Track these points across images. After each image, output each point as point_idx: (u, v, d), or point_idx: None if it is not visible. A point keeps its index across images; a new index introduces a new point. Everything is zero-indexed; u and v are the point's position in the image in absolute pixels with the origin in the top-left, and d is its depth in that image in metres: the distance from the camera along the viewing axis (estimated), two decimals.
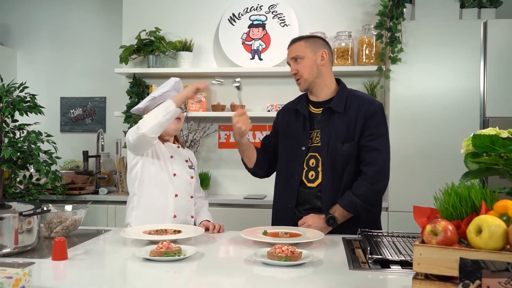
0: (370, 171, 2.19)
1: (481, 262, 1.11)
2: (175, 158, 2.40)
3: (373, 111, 2.22)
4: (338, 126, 2.22)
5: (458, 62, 3.47)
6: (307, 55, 2.25)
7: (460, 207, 1.26)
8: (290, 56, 2.30)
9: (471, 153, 1.40)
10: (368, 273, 1.58)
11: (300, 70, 2.26)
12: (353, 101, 2.26)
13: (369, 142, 2.20)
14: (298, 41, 2.30)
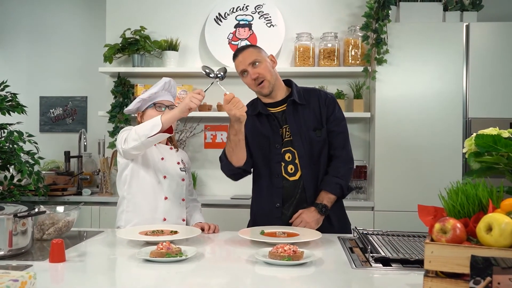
0: (343, 153, 2.34)
1: (492, 259, 1.14)
2: (166, 160, 2.36)
3: (330, 98, 2.38)
4: (305, 116, 2.32)
5: (442, 63, 3.54)
6: (260, 57, 2.29)
7: (468, 206, 1.29)
8: (246, 62, 2.28)
9: (474, 152, 1.43)
10: (371, 272, 1.60)
11: (261, 73, 2.27)
12: (310, 94, 2.39)
13: (335, 127, 2.34)
14: (247, 49, 2.33)
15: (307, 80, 3.88)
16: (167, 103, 2.36)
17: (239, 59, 2.31)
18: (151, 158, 2.33)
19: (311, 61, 3.74)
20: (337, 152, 2.34)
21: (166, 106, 2.35)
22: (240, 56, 2.30)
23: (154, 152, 2.35)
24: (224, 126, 3.97)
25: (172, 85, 2.43)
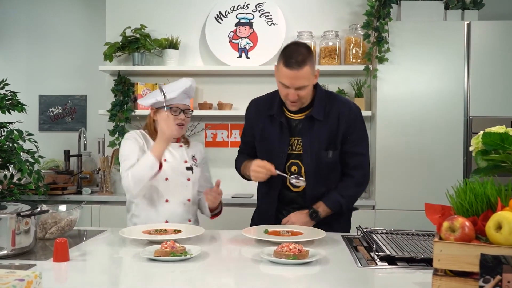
0: (358, 175, 2.25)
1: (502, 258, 1.13)
2: (169, 162, 2.31)
3: (353, 117, 2.23)
4: (320, 134, 2.20)
5: (443, 62, 3.54)
6: (311, 81, 2.12)
7: (476, 204, 1.28)
8: (295, 84, 2.07)
9: (481, 150, 1.43)
10: (378, 270, 1.59)
11: (302, 96, 2.13)
12: (332, 107, 2.22)
13: (353, 148, 2.23)
14: (304, 66, 2.05)
15: None
16: (183, 107, 2.29)
17: (290, 74, 2.05)
18: None
19: None
20: (352, 172, 2.25)
21: (181, 110, 2.29)
22: (293, 73, 2.04)
23: None
24: (225, 125, 3.96)
25: (192, 88, 2.34)
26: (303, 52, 2.06)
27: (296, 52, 2.06)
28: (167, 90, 2.25)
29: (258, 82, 3.91)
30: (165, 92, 2.21)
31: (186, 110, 2.30)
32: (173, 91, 2.25)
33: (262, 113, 2.30)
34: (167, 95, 2.22)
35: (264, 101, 2.33)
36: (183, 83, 2.28)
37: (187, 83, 2.28)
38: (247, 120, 2.41)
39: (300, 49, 2.08)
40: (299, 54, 2.05)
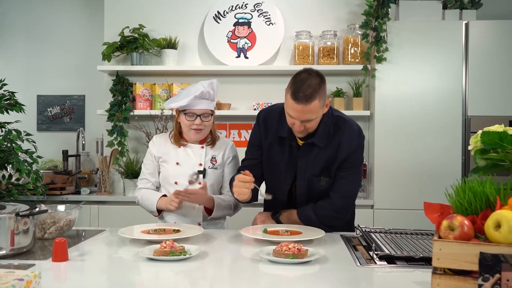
0: (337, 199, 2.17)
1: (501, 256, 1.14)
2: (182, 165, 2.35)
3: (354, 146, 2.15)
4: (317, 159, 2.15)
5: (441, 61, 3.54)
6: (319, 114, 2.03)
7: (475, 203, 1.29)
8: (301, 118, 1.99)
9: (480, 149, 1.43)
10: (376, 269, 1.59)
11: (308, 128, 2.05)
12: (335, 134, 2.14)
13: (342, 172, 2.17)
14: (313, 100, 1.95)
15: None
16: (200, 112, 2.28)
17: (297, 107, 1.96)
18: (169, 162, 2.39)
19: (311, 59, 3.74)
20: (333, 195, 2.17)
21: (198, 115, 2.29)
22: (300, 107, 1.95)
23: (172, 156, 2.39)
24: (224, 124, 3.96)
25: (206, 92, 2.29)
26: (312, 84, 1.96)
27: (306, 84, 1.96)
28: (181, 95, 2.31)
29: (257, 82, 3.92)
30: (178, 99, 2.30)
31: (204, 115, 2.30)
32: (183, 98, 2.27)
33: (271, 130, 2.21)
34: (177, 103, 2.29)
35: (274, 116, 2.21)
36: (194, 89, 2.29)
37: (199, 88, 2.27)
38: (257, 130, 2.29)
39: (310, 80, 1.97)
40: (308, 87, 1.95)
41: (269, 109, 2.29)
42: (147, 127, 3.80)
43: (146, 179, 2.44)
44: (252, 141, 2.32)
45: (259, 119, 2.29)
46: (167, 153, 2.40)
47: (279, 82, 3.89)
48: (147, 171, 2.44)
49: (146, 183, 2.44)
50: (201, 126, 2.30)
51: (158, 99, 3.80)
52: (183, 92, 2.35)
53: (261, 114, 2.30)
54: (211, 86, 2.32)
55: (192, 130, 2.32)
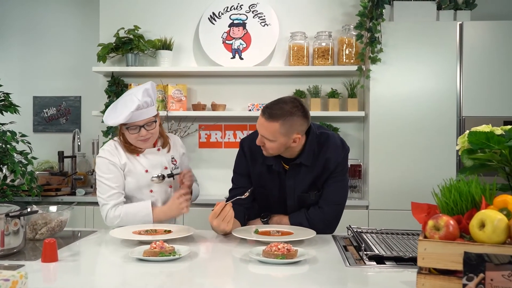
0: (327, 207, 2.19)
1: (485, 256, 1.14)
2: (151, 172, 2.30)
3: (341, 160, 2.18)
4: (305, 178, 2.17)
5: (435, 62, 3.55)
6: (278, 140, 2.01)
7: (461, 202, 1.29)
8: (259, 130, 2.03)
9: (467, 149, 1.43)
10: (365, 270, 1.59)
11: (266, 146, 2.06)
12: (321, 151, 2.16)
13: (329, 180, 2.19)
14: (274, 121, 1.97)
15: (301, 79, 3.88)
16: (142, 123, 2.21)
17: (259, 119, 2.02)
18: (136, 172, 2.29)
19: (305, 60, 3.74)
20: (323, 204, 2.19)
21: (141, 126, 2.22)
22: (261, 120, 2.01)
23: (137, 166, 2.30)
24: (219, 125, 3.96)
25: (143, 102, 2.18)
26: (285, 108, 1.98)
27: (279, 104, 1.99)
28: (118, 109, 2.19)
29: (252, 82, 3.92)
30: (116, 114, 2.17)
31: (147, 124, 2.22)
32: (120, 113, 2.16)
33: (258, 159, 2.21)
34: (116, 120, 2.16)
35: (258, 146, 2.15)
36: (130, 103, 2.16)
37: (134, 102, 2.16)
38: (243, 159, 2.28)
39: (286, 105, 1.99)
40: (279, 108, 1.98)
41: (251, 138, 2.25)
42: None
43: (118, 192, 2.25)
44: (239, 170, 2.30)
45: (243, 148, 2.28)
46: (129, 162, 2.29)
47: (274, 83, 3.90)
48: (114, 184, 2.24)
49: (118, 197, 2.24)
50: (147, 135, 2.23)
51: None
52: (119, 104, 2.21)
53: (244, 143, 2.28)
54: (146, 94, 2.21)
55: (139, 141, 2.25)
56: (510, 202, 1.23)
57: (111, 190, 2.24)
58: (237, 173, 2.31)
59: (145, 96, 2.19)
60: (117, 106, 2.20)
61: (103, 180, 2.25)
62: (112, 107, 2.23)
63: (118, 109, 2.19)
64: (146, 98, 2.19)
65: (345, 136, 3.88)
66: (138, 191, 2.30)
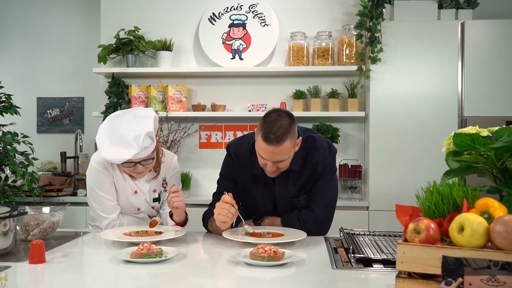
0: (318, 209, 2.17)
1: (464, 260, 1.12)
2: (139, 193, 2.26)
3: (328, 162, 2.17)
4: (294, 183, 2.16)
5: (437, 62, 3.51)
6: (291, 154, 2.03)
7: (442, 205, 1.27)
8: (272, 159, 1.99)
9: (453, 151, 1.41)
10: (351, 272, 1.58)
11: (281, 168, 2.06)
12: (308, 155, 2.15)
13: (318, 182, 2.18)
14: (284, 141, 1.95)
15: (301, 80, 3.86)
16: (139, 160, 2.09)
17: (268, 149, 1.96)
18: (125, 193, 2.25)
19: (305, 60, 3.73)
20: (314, 206, 2.17)
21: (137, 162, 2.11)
22: (271, 149, 1.95)
23: (126, 187, 2.24)
24: (219, 126, 3.96)
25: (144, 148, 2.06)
26: (283, 125, 1.95)
27: (276, 125, 1.95)
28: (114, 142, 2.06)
29: (251, 83, 3.92)
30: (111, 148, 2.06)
31: (145, 160, 2.12)
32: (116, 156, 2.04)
33: (244, 167, 2.19)
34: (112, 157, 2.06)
35: (245, 154, 2.19)
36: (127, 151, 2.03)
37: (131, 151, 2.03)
38: (230, 164, 2.25)
39: (281, 121, 1.96)
40: (279, 128, 1.94)
41: (238, 145, 2.24)
42: None
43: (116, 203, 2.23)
44: (225, 174, 2.28)
45: (230, 153, 2.25)
46: (119, 182, 2.22)
47: (274, 83, 3.89)
48: (111, 198, 2.21)
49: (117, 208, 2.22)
50: (143, 170, 2.15)
51: (153, 101, 3.82)
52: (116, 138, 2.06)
53: (231, 149, 2.25)
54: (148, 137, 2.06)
55: (134, 173, 2.17)
56: (491, 205, 1.21)
57: (107, 203, 2.20)
58: (224, 177, 2.29)
59: (146, 141, 2.05)
60: (114, 140, 2.06)
61: (97, 198, 2.20)
62: (108, 138, 2.08)
63: (116, 143, 2.05)
64: (146, 143, 2.06)
65: (346, 137, 3.86)
66: (125, 207, 2.27)
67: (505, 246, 1.11)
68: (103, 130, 2.10)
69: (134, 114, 2.12)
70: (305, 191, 2.19)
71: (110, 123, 2.11)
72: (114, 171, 2.21)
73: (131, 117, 2.10)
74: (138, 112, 2.14)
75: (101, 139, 2.08)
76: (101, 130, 2.11)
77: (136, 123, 2.08)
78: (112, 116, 2.15)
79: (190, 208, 2.54)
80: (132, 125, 2.07)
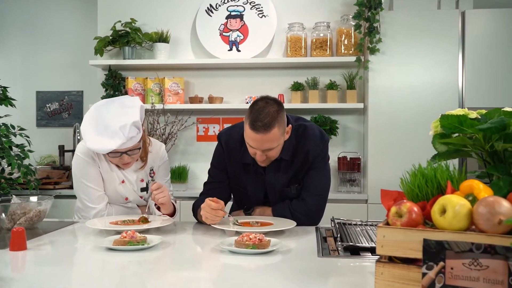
0: (309, 198, 2.11)
1: (445, 243, 1.07)
2: (127, 183, 2.22)
3: (319, 150, 2.11)
4: (285, 172, 2.11)
5: (437, 52, 3.45)
6: (280, 141, 1.99)
7: (426, 188, 1.22)
8: (261, 147, 1.95)
9: (440, 134, 1.36)
10: (337, 260, 1.54)
11: (271, 157, 2.01)
12: (299, 143, 2.10)
13: (310, 171, 2.13)
14: (271, 128, 1.90)
15: (299, 71, 3.81)
16: (125, 150, 2.05)
17: (256, 137, 1.92)
18: (112, 183, 2.20)
19: (303, 52, 3.68)
20: (305, 195, 2.12)
21: (123, 152, 2.07)
22: (259, 137, 1.91)
23: (114, 177, 2.20)
24: (217, 118, 3.92)
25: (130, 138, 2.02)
26: (270, 112, 1.91)
27: (263, 112, 1.90)
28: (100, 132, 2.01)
29: (249, 75, 3.87)
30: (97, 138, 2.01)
31: (131, 150, 2.08)
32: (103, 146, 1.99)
33: (234, 157, 2.15)
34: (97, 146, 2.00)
35: (236, 143, 2.15)
36: (113, 142, 1.98)
37: (117, 142, 1.98)
38: (221, 153, 2.21)
39: (268, 108, 1.92)
40: (266, 116, 1.89)
41: (229, 133, 2.21)
42: None
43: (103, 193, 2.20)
44: (216, 164, 2.25)
45: (221, 143, 2.21)
46: (106, 172, 2.18)
47: (271, 75, 3.85)
48: (98, 188, 2.17)
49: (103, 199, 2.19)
50: (129, 160, 2.11)
51: (150, 93, 3.79)
52: (101, 127, 2.01)
53: (222, 138, 2.22)
54: (135, 127, 2.02)
55: (120, 164, 2.13)
56: (476, 188, 1.16)
57: (97, 191, 2.17)
58: (215, 166, 2.26)
59: (132, 131, 2.01)
60: (99, 130, 2.01)
61: (84, 189, 2.16)
62: (95, 124, 2.03)
63: (101, 132, 2.00)
64: (132, 133, 2.01)
65: (345, 129, 3.81)
66: (113, 197, 2.23)
67: (488, 228, 1.06)
68: (88, 119, 2.06)
69: (120, 103, 2.08)
70: (296, 180, 2.15)
71: (95, 112, 2.06)
72: (100, 161, 2.17)
73: (116, 106, 2.06)
74: (124, 101, 2.10)
75: (86, 129, 2.04)
76: (86, 120, 2.07)
77: (122, 113, 2.04)
78: (97, 105, 2.10)
79: (187, 201, 2.51)
80: (117, 115, 2.03)
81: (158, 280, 1.36)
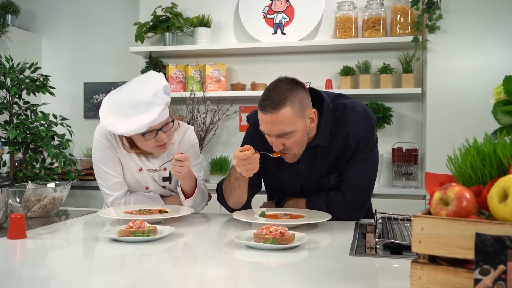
0: (348, 193, 1.82)
1: (506, 239, 0.78)
2: (144, 171, 2.00)
3: (363, 134, 1.80)
4: (322, 161, 1.84)
5: (506, 30, 3.07)
6: (297, 126, 1.69)
7: (483, 168, 0.92)
8: (272, 131, 1.69)
9: (503, 101, 1.06)
10: (371, 260, 1.26)
11: (288, 145, 1.73)
12: (338, 126, 1.81)
13: (351, 160, 1.83)
14: (281, 107, 1.64)
15: (349, 55, 3.51)
16: (160, 126, 1.85)
17: (264, 118, 1.68)
18: (130, 171, 2.01)
19: (354, 33, 3.37)
20: (344, 188, 1.83)
21: (158, 130, 1.86)
22: (267, 118, 1.67)
23: (132, 164, 2.00)
24: None
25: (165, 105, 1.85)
26: (282, 89, 1.65)
27: (274, 90, 1.66)
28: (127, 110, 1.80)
29: (294, 60, 3.62)
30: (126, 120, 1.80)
31: (165, 125, 1.89)
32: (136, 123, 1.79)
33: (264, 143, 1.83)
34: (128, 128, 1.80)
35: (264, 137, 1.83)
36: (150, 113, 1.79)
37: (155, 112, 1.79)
38: (253, 135, 1.94)
39: (281, 86, 1.67)
40: (276, 93, 1.64)
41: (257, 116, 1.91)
42: (180, 111, 3.63)
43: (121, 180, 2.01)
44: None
45: (252, 124, 1.95)
46: (124, 158, 1.99)
47: (319, 59, 3.57)
48: (115, 174, 1.98)
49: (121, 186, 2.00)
50: (165, 139, 1.90)
51: (191, 81, 3.62)
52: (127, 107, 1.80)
53: (250, 119, 1.98)
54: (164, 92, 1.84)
55: (156, 147, 1.91)
56: None
57: (113, 177, 1.98)
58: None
59: (166, 96, 1.84)
60: (126, 111, 1.80)
61: (102, 174, 1.98)
62: (116, 111, 1.82)
63: (131, 113, 1.79)
64: (167, 98, 1.84)
65: (400, 117, 3.46)
66: (133, 185, 2.04)
67: None
68: (106, 112, 1.85)
69: (134, 82, 1.90)
70: (336, 170, 1.85)
71: (111, 103, 1.86)
72: (118, 144, 1.99)
73: (133, 84, 1.88)
74: (136, 79, 1.92)
75: (110, 122, 1.82)
76: (104, 115, 1.85)
77: (144, 86, 1.84)
78: (109, 96, 1.91)
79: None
80: (140, 89, 1.83)
81: (151, 280, 1.15)
